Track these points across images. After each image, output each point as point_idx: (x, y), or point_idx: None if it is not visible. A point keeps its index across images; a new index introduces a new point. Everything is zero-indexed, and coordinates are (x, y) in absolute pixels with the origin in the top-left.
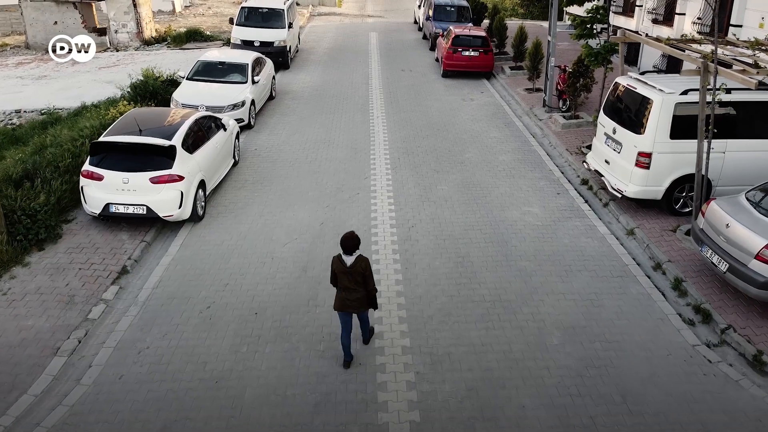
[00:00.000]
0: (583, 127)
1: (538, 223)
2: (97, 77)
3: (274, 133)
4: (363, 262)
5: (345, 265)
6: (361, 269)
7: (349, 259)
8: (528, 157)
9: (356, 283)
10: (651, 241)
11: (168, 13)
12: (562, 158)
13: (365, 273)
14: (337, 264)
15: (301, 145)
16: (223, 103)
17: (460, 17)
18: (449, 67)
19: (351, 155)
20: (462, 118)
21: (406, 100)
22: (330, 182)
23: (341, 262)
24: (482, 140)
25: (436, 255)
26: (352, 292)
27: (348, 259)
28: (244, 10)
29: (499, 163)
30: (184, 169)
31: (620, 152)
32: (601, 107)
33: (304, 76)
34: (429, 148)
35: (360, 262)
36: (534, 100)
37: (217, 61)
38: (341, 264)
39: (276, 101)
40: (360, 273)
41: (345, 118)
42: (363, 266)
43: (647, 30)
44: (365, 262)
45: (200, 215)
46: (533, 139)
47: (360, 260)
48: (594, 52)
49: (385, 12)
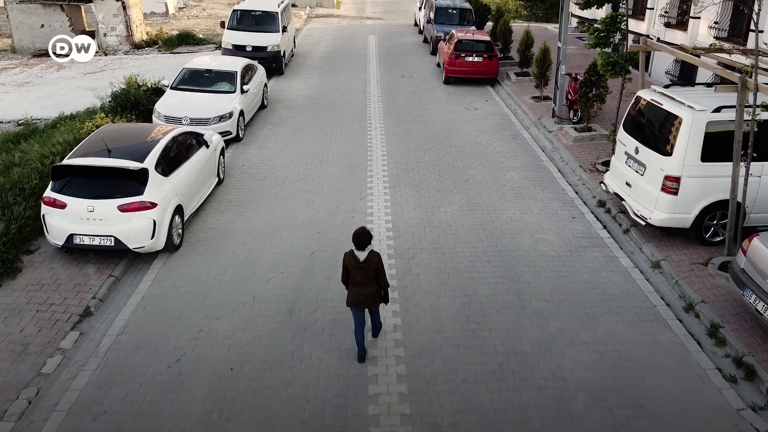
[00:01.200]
0: (597, 140)
1: (553, 254)
2: (82, 84)
3: (264, 146)
4: (376, 257)
5: (358, 261)
6: (374, 264)
7: (361, 255)
8: (538, 174)
9: (369, 278)
10: (680, 277)
11: (161, 15)
12: (575, 176)
13: (378, 268)
14: (350, 260)
15: (293, 160)
16: (208, 115)
17: (462, 20)
18: (451, 74)
19: (346, 172)
20: (465, 129)
21: (406, 110)
22: (323, 204)
23: (354, 257)
24: (488, 154)
25: (439, 293)
26: (365, 287)
27: (361, 254)
28: (236, 13)
29: (507, 181)
30: (158, 194)
31: (644, 174)
32: (621, 123)
33: (299, 83)
34: (430, 163)
35: (373, 257)
36: (542, 110)
37: (203, 69)
38: (354, 259)
39: (268, 110)
40: (373, 268)
41: (341, 130)
42: (376, 261)
43: (659, 34)
44: (378, 257)
45: (177, 244)
46: (543, 153)
47: (373, 255)
48: (611, 61)
49: (385, 14)
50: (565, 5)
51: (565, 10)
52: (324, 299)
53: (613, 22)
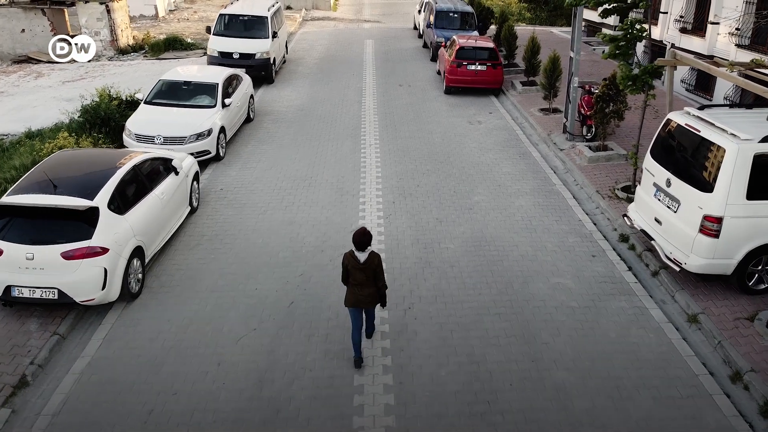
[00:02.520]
0: (614, 161)
1: (573, 304)
2: (59, 93)
3: (246, 166)
4: (376, 258)
5: (358, 262)
6: (374, 265)
7: (362, 256)
8: (551, 201)
9: (368, 279)
10: (723, 336)
11: (150, 18)
12: (592, 202)
13: (377, 269)
14: (351, 260)
15: (277, 183)
16: (184, 133)
17: (464, 24)
18: (453, 83)
19: (336, 198)
20: (469, 146)
21: (404, 123)
22: (308, 238)
23: (354, 258)
24: (494, 176)
25: (441, 358)
26: (365, 287)
27: (361, 255)
28: (223, 18)
29: (516, 209)
30: (110, 237)
31: (677, 211)
32: (648, 148)
33: (290, 93)
34: (430, 187)
35: (373, 258)
36: (552, 124)
37: (181, 81)
38: (355, 260)
39: (254, 124)
40: (372, 269)
41: (332, 147)
42: (376, 263)
43: (674, 40)
44: (378, 258)
45: (134, 292)
46: (554, 175)
47: (373, 256)
48: (631, 75)
49: (383, 17)
50: (578, 12)
51: (578, 18)
52: (302, 367)
53: (631, 29)
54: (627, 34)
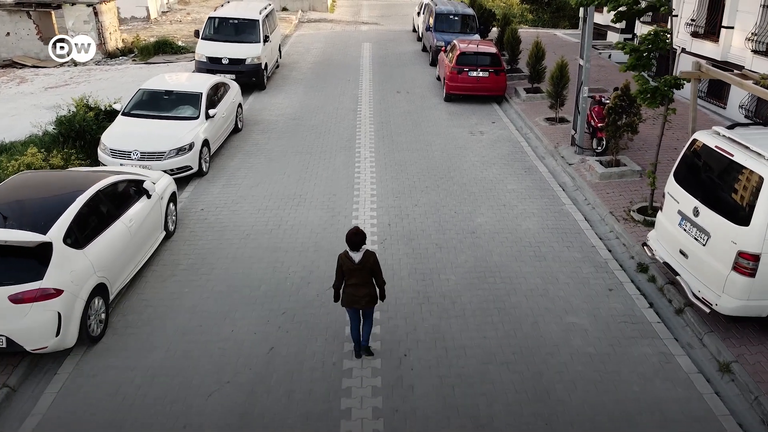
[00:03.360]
0: (628, 177)
1: (590, 350)
2: (40, 101)
3: (231, 183)
4: (372, 257)
5: (354, 262)
6: (370, 265)
7: (356, 256)
8: (561, 223)
9: (364, 279)
10: (761, 391)
11: (142, 20)
12: (606, 225)
13: (374, 268)
14: (345, 261)
15: (263, 202)
16: (163, 148)
17: (464, 28)
18: (453, 91)
19: (327, 220)
20: (470, 159)
21: (402, 134)
22: (294, 267)
23: (349, 259)
24: (497, 195)
25: (441, 422)
26: (360, 288)
27: (356, 255)
28: (213, 21)
29: (523, 233)
30: (66, 276)
31: (706, 245)
32: (672, 172)
33: (282, 100)
34: (429, 207)
35: (368, 257)
36: (559, 135)
37: (162, 90)
38: (350, 261)
39: (242, 134)
40: (368, 269)
41: (324, 161)
42: (372, 261)
43: (684, 44)
44: (373, 257)
45: (96, 336)
46: (563, 192)
47: (368, 255)
48: (650, 87)
49: (382, 18)
50: (589, 16)
51: (588, 22)
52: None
53: (656, 40)
54: (650, 45)
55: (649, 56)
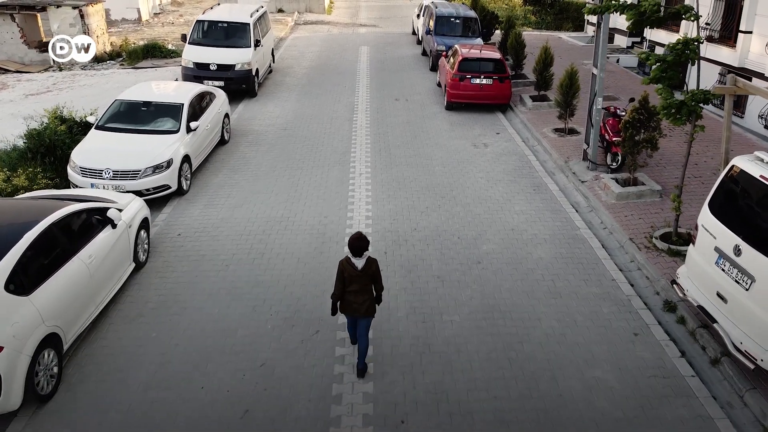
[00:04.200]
0: (647, 198)
1: (618, 414)
2: (18, 109)
3: (213, 203)
4: (374, 264)
5: (356, 269)
6: (372, 272)
7: (359, 262)
8: (576, 251)
9: (365, 286)
10: None
11: (133, 22)
12: (626, 254)
13: (375, 275)
14: (347, 268)
15: (247, 226)
16: (138, 166)
17: (466, 31)
18: (455, 99)
19: (317, 248)
20: (474, 176)
21: (400, 146)
22: (277, 306)
23: (351, 265)
24: (505, 217)
25: None
26: (359, 295)
27: (358, 262)
28: (201, 25)
29: (535, 263)
30: (6, 330)
31: (750, 289)
32: (706, 202)
33: (273, 108)
34: (430, 232)
35: (371, 264)
36: (569, 148)
37: (140, 101)
38: (351, 267)
39: (229, 147)
40: (370, 276)
41: (316, 177)
42: (374, 269)
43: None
44: (376, 264)
45: (47, 393)
46: (577, 214)
47: (371, 262)
48: (675, 102)
49: (380, 20)
50: (603, 23)
51: (603, 28)
52: None
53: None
54: (679, 55)
55: (677, 68)
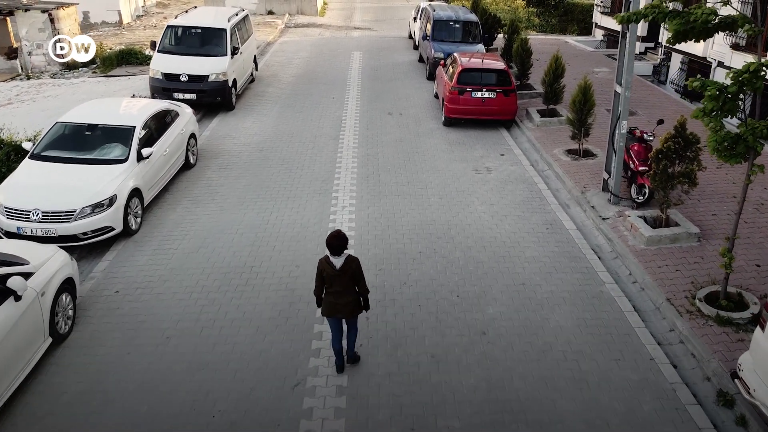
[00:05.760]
0: (682, 242)
1: None
2: None
3: (165, 247)
4: (354, 263)
5: (334, 268)
6: (352, 271)
7: (338, 261)
8: (602, 317)
9: (346, 286)
10: None
11: (113, 25)
12: (663, 319)
13: (356, 274)
14: (326, 266)
15: (200, 280)
16: (72, 205)
17: (466, 36)
18: (454, 114)
19: (282, 311)
20: (476, 209)
21: (391, 171)
22: (222, 402)
23: (329, 264)
24: (513, 267)
25: None
26: (341, 295)
27: (337, 260)
28: (172, 31)
29: (554, 335)
30: None
31: None
32: None
33: (251, 124)
34: (423, 287)
35: (351, 262)
36: (585, 174)
37: (84, 124)
38: (330, 266)
39: (195, 172)
40: (350, 275)
41: (292, 211)
42: (354, 267)
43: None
44: (356, 262)
45: None
46: (600, 263)
47: (350, 261)
48: (729, 136)
49: (376, 23)
50: (630, 33)
51: (629, 39)
52: None
53: (755, 77)
54: (744, 84)
55: (736, 99)
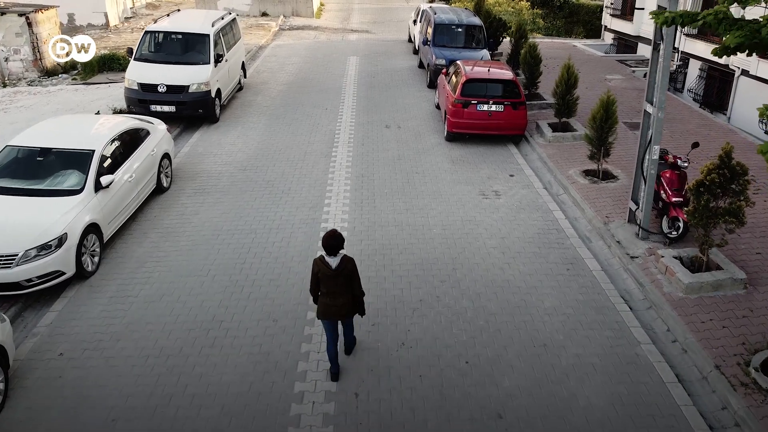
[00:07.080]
0: (726, 290)
1: None
2: None
3: (124, 293)
4: (350, 263)
5: (330, 268)
6: (348, 271)
7: (333, 261)
8: (641, 391)
9: (342, 287)
10: None
11: (100, 28)
12: (713, 393)
13: (352, 275)
14: (321, 267)
15: (159, 339)
16: (13, 248)
17: (470, 41)
18: (458, 129)
19: (252, 383)
20: (485, 244)
21: (388, 195)
22: None
23: (325, 264)
24: (531, 321)
25: None
26: (337, 297)
27: (332, 260)
28: (150, 37)
29: (583, 418)
30: None
31: None
32: None
33: (235, 139)
34: (425, 349)
35: (346, 263)
36: (606, 200)
37: (36, 149)
38: (325, 266)
39: (168, 197)
40: (346, 276)
41: (273, 247)
42: (350, 268)
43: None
44: (352, 263)
45: None
46: (632, 315)
47: (346, 261)
48: None
49: (374, 25)
50: (666, 42)
51: (665, 50)
52: None
53: None
54: None
55: None
